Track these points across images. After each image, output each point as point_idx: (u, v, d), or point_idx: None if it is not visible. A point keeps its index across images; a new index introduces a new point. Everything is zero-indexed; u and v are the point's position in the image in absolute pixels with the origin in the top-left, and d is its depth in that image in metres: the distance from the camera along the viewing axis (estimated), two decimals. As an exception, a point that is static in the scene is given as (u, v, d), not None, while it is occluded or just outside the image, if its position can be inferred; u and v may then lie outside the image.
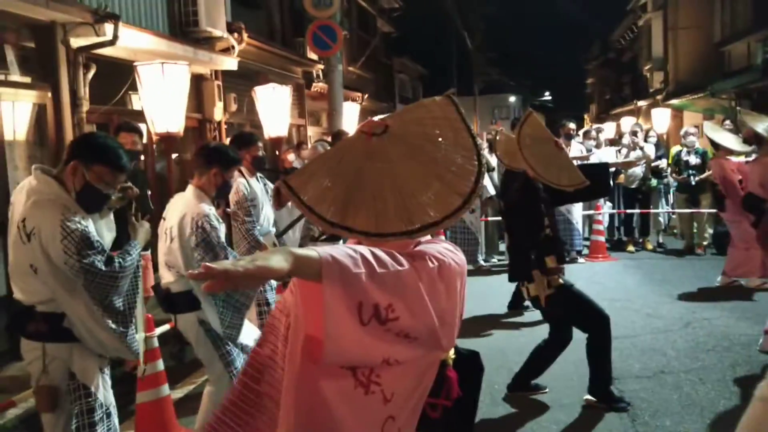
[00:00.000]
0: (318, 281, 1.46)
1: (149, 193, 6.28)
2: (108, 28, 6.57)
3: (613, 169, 11.25)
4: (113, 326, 3.08)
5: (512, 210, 5.00)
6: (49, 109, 6.45)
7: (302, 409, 1.62)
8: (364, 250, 1.54)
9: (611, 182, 4.12)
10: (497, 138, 5.27)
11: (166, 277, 4.03)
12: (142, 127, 7.90)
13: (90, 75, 6.84)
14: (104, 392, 3.24)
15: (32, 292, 3.07)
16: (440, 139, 1.74)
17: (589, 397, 4.85)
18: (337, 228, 1.62)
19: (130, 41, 7.00)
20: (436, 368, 1.81)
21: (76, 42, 6.61)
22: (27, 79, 6.43)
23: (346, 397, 1.62)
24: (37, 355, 3.09)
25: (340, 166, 1.69)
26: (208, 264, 1.33)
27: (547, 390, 5.04)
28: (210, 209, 3.94)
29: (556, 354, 5.01)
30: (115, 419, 3.29)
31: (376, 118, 1.79)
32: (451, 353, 1.94)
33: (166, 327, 4.93)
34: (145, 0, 8.13)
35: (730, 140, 7.79)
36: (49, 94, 6.50)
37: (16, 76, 6.31)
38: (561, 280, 4.74)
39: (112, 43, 6.64)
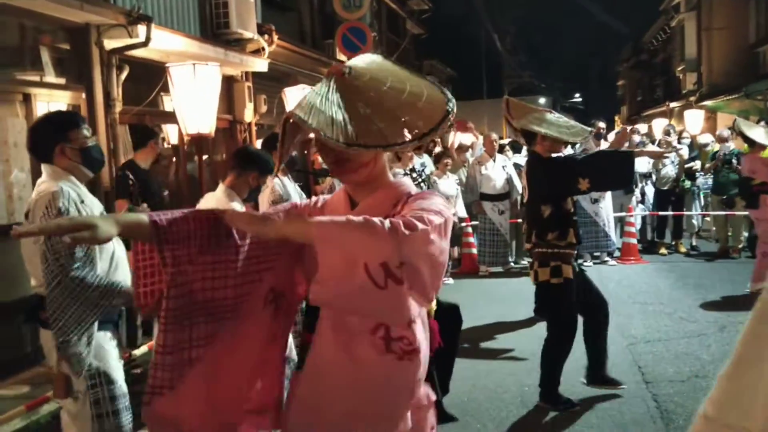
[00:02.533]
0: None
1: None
2: (141, 30, 6.64)
3: (645, 170, 11.12)
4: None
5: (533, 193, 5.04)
6: (83, 110, 6.53)
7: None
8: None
9: (634, 172, 4.11)
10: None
11: None
12: (174, 128, 8.01)
13: (123, 76, 6.92)
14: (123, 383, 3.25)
15: (40, 278, 3.10)
16: (406, 84, 1.93)
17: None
18: (354, 146, 1.75)
19: (163, 43, 7.07)
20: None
21: (109, 44, 6.70)
22: (61, 80, 6.52)
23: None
24: (54, 343, 3.07)
25: (327, 101, 1.83)
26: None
27: (577, 407, 4.82)
28: (241, 207, 3.96)
29: (602, 334, 4.96)
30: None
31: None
32: (433, 304, 2.06)
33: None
34: (177, 2, 8.21)
35: (763, 136, 7.69)
36: (83, 95, 6.59)
37: (51, 78, 6.41)
38: (571, 272, 4.72)
39: (144, 44, 6.71)
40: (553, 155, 4.81)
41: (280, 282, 1.99)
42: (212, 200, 4.02)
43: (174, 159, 8.74)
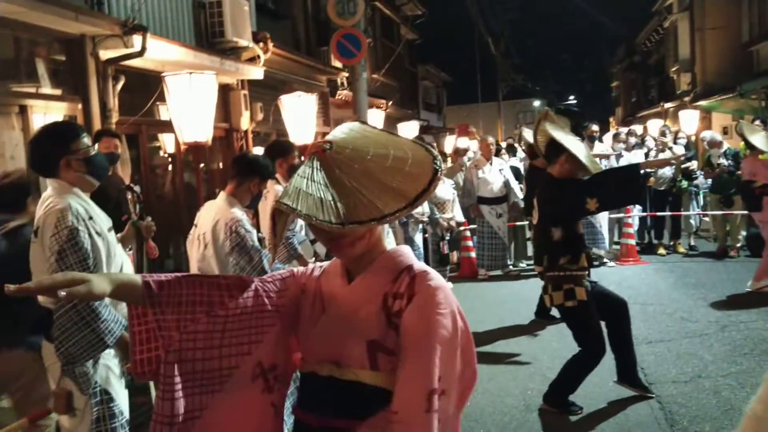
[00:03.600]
0: None
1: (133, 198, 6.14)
2: (136, 39, 6.63)
3: (643, 171, 11.13)
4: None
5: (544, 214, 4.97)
6: (80, 121, 6.51)
7: None
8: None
9: (642, 187, 4.09)
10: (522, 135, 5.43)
11: None
12: (170, 137, 8.00)
13: (119, 86, 6.91)
14: (123, 401, 3.24)
15: None
16: (389, 149, 1.85)
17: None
18: (348, 224, 1.68)
19: (158, 52, 7.06)
20: None
21: (105, 54, 6.69)
22: (58, 92, 6.51)
23: None
24: (57, 358, 3.06)
25: (313, 183, 1.77)
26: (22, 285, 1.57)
27: (581, 412, 4.84)
28: (242, 214, 3.95)
29: (627, 336, 4.96)
30: None
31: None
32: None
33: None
34: (172, 12, 8.21)
35: (764, 143, 7.68)
36: (80, 106, 6.57)
37: (47, 89, 6.40)
38: (585, 294, 4.70)
39: (140, 54, 6.70)
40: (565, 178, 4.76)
41: (270, 355, 1.91)
42: (213, 208, 4.01)
43: (171, 168, 8.73)
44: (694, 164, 11.18)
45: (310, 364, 1.89)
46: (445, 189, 9.10)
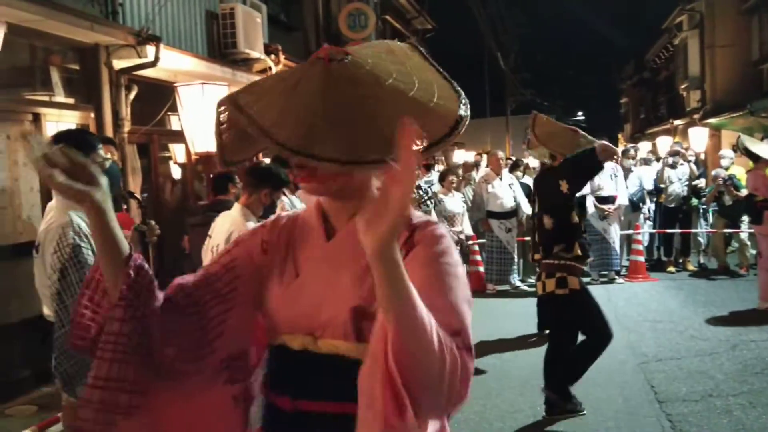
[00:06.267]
0: None
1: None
2: (150, 50, 6.69)
3: (651, 186, 11.12)
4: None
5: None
6: (92, 130, 6.54)
7: None
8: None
9: (599, 161, 4.29)
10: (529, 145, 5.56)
11: None
12: (181, 147, 8.03)
13: (132, 96, 6.95)
14: None
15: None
16: (414, 77, 1.52)
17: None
18: (302, 155, 1.35)
19: (171, 63, 7.11)
20: None
21: (118, 64, 6.74)
22: (71, 100, 6.55)
23: None
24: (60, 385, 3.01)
25: (296, 91, 1.46)
26: None
27: (585, 412, 4.87)
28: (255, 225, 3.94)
29: (598, 354, 4.86)
30: None
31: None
32: None
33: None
34: (186, 23, 8.26)
35: (767, 151, 7.71)
36: (92, 115, 6.62)
37: (60, 97, 6.44)
38: (578, 283, 4.73)
39: (153, 64, 6.75)
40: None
41: (231, 344, 1.58)
42: (228, 219, 4.00)
43: (181, 177, 8.75)
44: (702, 182, 11.13)
45: (279, 336, 1.54)
46: (455, 202, 9.09)
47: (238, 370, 1.61)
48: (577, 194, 4.93)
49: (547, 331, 7.22)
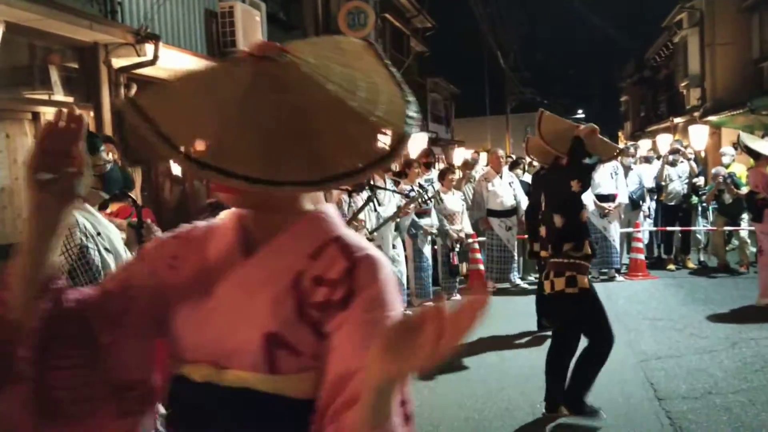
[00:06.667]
0: None
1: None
2: (149, 48, 6.69)
3: (651, 184, 11.13)
4: None
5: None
6: (92, 128, 6.55)
7: None
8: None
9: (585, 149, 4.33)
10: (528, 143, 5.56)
11: None
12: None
13: (131, 94, 6.95)
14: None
15: None
16: (359, 83, 1.31)
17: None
18: (208, 170, 1.14)
19: (170, 61, 7.11)
20: None
21: (117, 62, 6.75)
22: (70, 99, 6.55)
23: None
24: None
25: (211, 93, 1.26)
26: None
27: (606, 416, 4.75)
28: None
29: (603, 361, 4.82)
30: None
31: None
32: None
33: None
34: (185, 21, 8.26)
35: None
36: (92, 114, 6.62)
37: (59, 96, 6.44)
38: (587, 282, 4.72)
39: (152, 63, 6.76)
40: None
41: (127, 373, 1.36)
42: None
43: (180, 175, 8.75)
44: (701, 180, 11.13)
45: (182, 365, 1.32)
46: (454, 201, 9.09)
47: (133, 402, 1.37)
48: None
49: (546, 330, 7.27)
